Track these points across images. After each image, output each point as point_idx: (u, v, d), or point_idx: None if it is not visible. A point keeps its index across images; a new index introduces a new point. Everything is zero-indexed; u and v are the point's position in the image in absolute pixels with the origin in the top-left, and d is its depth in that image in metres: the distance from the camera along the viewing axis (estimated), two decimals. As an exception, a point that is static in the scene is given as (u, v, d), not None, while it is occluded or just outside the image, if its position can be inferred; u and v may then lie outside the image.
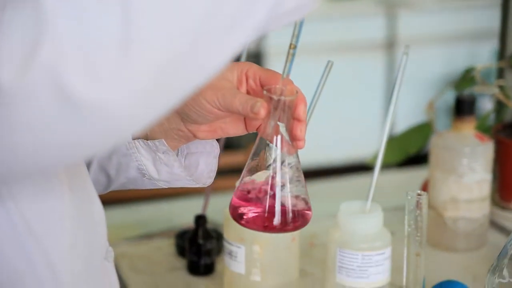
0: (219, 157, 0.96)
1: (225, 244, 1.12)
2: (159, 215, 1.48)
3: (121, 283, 1.21)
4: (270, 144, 0.85)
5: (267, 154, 0.85)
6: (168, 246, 1.32)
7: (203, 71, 0.63)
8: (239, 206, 0.86)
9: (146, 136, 0.90)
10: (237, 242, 1.10)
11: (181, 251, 1.28)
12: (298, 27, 0.81)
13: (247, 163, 0.86)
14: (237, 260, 1.10)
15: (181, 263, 1.27)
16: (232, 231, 1.10)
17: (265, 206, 0.84)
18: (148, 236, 1.38)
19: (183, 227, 1.34)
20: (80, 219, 0.77)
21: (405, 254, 1.02)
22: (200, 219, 1.23)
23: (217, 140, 0.93)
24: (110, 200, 0.81)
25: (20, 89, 0.57)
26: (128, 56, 0.58)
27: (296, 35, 0.81)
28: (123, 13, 0.58)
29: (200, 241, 1.22)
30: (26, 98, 0.57)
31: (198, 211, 1.26)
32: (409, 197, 1.01)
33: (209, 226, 1.24)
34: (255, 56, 2.94)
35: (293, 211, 0.85)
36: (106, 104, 0.59)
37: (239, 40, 0.62)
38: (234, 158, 1.94)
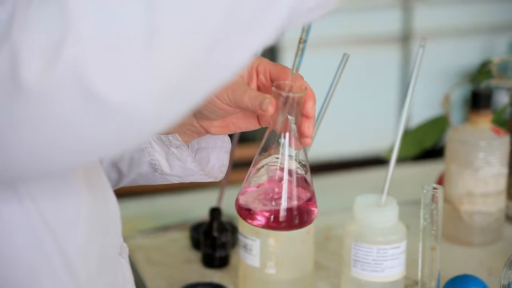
0: (234, 150, 0.96)
1: (240, 237, 1.12)
2: (174, 207, 1.48)
3: (136, 275, 1.21)
4: (279, 139, 0.84)
5: (276, 149, 0.84)
6: (183, 238, 1.32)
7: (225, 70, 0.63)
8: (246, 202, 0.85)
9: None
10: (252, 235, 1.10)
11: (196, 243, 1.28)
12: (308, 22, 0.80)
13: (254, 159, 0.86)
14: (252, 253, 1.10)
15: (195, 255, 1.27)
16: (247, 224, 1.10)
17: (271, 203, 0.84)
18: (163, 229, 1.38)
19: (198, 220, 1.35)
20: (95, 215, 0.77)
21: (420, 248, 1.02)
22: (215, 212, 1.23)
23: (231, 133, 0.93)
24: (125, 192, 0.81)
25: (43, 86, 0.57)
26: (152, 56, 0.58)
27: (306, 30, 0.80)
28: (146, 12, 0.57)
29: (215, 233, 1.22)
30: (50, 95, 0.57)
31: (213, 203, 1.26)
32: (425, 191, 1.00)
33: (224, 219, 1.24)
34: (271, 50, 2.93)
35: (298, 208, 0.84)
36: (130, 104, 0.58)
37: (261, 38, 0.62)
38: (249, 152, 1.94)
